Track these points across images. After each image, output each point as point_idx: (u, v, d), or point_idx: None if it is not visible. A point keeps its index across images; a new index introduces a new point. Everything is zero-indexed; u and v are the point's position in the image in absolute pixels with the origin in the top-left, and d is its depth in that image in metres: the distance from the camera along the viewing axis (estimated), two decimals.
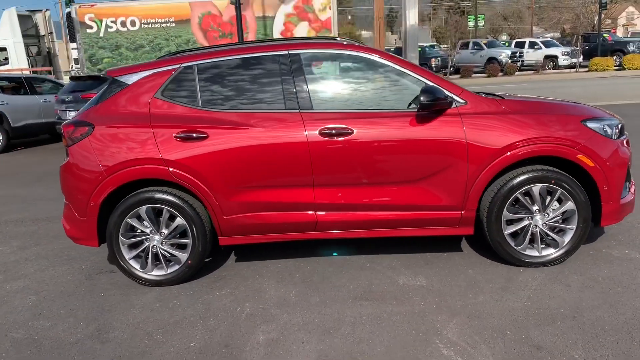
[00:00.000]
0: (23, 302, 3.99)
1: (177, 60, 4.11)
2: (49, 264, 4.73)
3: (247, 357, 3.05)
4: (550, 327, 3.16)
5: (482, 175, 3.84)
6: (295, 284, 3.97)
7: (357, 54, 4.04)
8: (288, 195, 3.95)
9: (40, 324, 3.61)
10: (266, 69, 4.02)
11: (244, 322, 3.45)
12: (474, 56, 29.16)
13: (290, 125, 3.88)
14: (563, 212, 3.91)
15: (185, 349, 3.17)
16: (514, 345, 2.98)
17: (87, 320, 3.61)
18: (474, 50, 29.99)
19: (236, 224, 4.00)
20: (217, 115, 3.95)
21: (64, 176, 4.10)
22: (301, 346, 3.12)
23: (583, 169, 3.86)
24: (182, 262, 4.04)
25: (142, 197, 3.94)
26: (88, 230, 4.06)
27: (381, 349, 3.03)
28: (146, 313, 3.66)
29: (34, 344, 3.34)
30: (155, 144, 3.89)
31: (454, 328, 3.21)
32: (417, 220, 3.97)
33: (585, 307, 3.37)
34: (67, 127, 4.06)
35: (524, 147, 3.79)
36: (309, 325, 3.36)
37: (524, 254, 3.97)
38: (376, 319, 3.38)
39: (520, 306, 3.43)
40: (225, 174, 3.90)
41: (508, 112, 3.88)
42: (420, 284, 3.85)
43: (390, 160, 3.87)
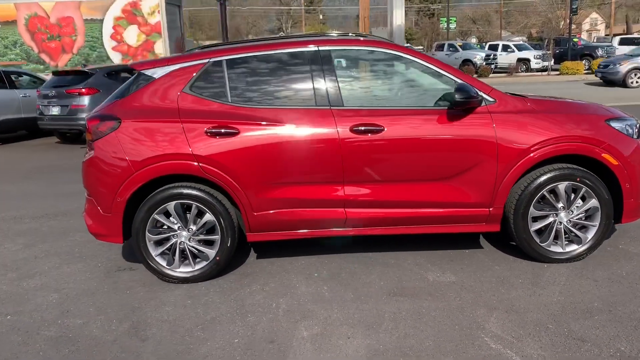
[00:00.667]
0: (46, 300, 3.89)
1: (205, 55, 4.06)
2: (62, 262, 4.62)
3: (295, 352, 3.04)
4: (588, 320, 3.24)
5: (510, 172, 3.91)
6: (325, 280, 3.97)
7: (387, 51, 4.07)
8: (318, 192, 3.95)
9: (71, 322, 3.53)
10: (296, 65, 4.02)
11: (282, 318, 3.44)
12: (449, 58, 29.54)
13: (321, 122, 3.88)
14: (587, 209, 4.02)
15: (230, 345, 3.15)
16: (559, 339, 3.05)
17: (119, 318, 3.54)
18: (449, 52, 30.41)
19: (266, 220, 3.98)
20: (247, 111, 3.92)
21: (88, 171, 4.00)
22: (347, 341, 3.13)
23: (606, 167, 3.96)
24: (210, 259, 4.00)
25: (171, 193, 3.88)
26: (113, 226, 3.98)
27: (429, 344, 3.06)
28: (179, 310, 3.61)
29: (71, 342, 3.26)
30: (186, 139, 3.84)
31: (496, 322, 3.26)
32: (446, 218, 4.02)
33: (617, 301, 3.46)
34: (92, 121, 3.97)
35: (552, 146, 3.87)
36: (349, 320, 3.37)
37: (549, 250, 4.06)
38: (416, 314, 3.41)
39: (554, 300, 3.50)
40: (256, 170, 3.88)
41: (535, 111, 3.96)
42: (450, 280, 3.89)
43: (421, 157, 3.91)
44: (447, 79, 3.99)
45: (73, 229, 5.50)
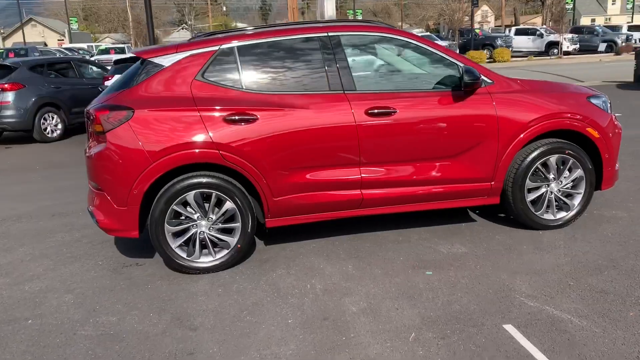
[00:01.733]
0: (61, 301, 3.71)
1: (214, 41, 4.03)
2: (55, 263, 4.39)
3: (354, 325, 3.15)
4: (600, 276, 3.62)
5: (510, 148, 4.23)
6: (346, 260, 4.10)
7: (395, 37, 4.24)
8: (336, 174, 4.06)
9: (105, 319, 3.41)
10: (307, 51, 4.09)
11: (324, 297, 3.53)
12: None
13: (337, 106, 3.99)
14: (573, 179, 4.43)
15: (286, 325, 3.20)
16: (584, 293, 3.39)
17: (156, 311, 3.47)
18: None
19: (285, 205, 4.03)
20: (262, 97, 3.94)
21: (98, 164, 3.85)
22: (398, 312, 3.29)
23: (590, 140, 4.39)
24: (231, 247, 3.99)
25: (191, 183, 3.84)
26: (129, 220, 3.86)
27: (474, 307, 3.29)
28: (215, 299, 3.60)
29: (116, 339, 3.16)
30: (205, 127, 3.80)
31: (522, 284, 3.56)
32: (453, 193, 4.28)
33: (616, 258, 3.89)
34: (100, 111, 3.81)
35: (547, 122, 4.23)
36: (389, 294, 3.53)
37: (543, 218, 4.44)
38: (448, 283, 3.63)
39: (563, 262, 3.86)
40: (276, 155, 3.92)
41: (527, 91, 4.31)
42: (462, 251, 4.16)
43: (432, 136, 4.13)
44: (450, 62, 4.23)
45: (46, 230, 5.22)
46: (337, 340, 3.01)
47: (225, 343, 3.05)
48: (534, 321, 3.09)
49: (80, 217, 5.57)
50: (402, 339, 2.99)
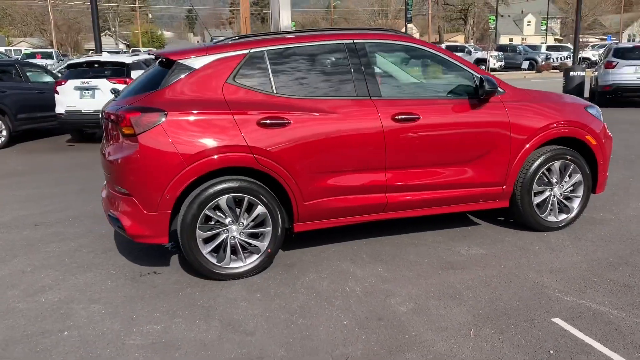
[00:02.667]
0: (90, 311, 3.54)
1: (244, 45, 4.01)
2: (63, 273, 4.17)
3: (411, 325, 3.22)
4: (617, 271, 3.89)
5: (521, 153, 4.47)
6: (372, 263, 4.17)
7: (415, 46, 4.38)
8: (363, 179, 4.13)
9: (149, 328, 3.29)
10: (334, 57, 4.15)
11: (367, 298, 3.58)
12: None
13: (365, 111, 4.08)
14: (573, 183, 4.74)
15: (344, 327, 3.22)
16: (611, 287, 3.64)
17: (201, 318, 3.39)
18: None
19: (314, 209, 4.05)
20: (293, 102, 3.96)
21: (128, 168, 3.71)
22: (447, 310, 3.39)
23: (587, 147, 4.72)
24: (261, 252, 3.96)
25: (225, 187, 3.78)
26: (159, 226, 3.75)
27: (517, 304, 3.45)
28: (258, 304, 3.56)
29: (172, 347, 3.06)
30: (239, 130, 3.77)
31: (551, 281, 3.77)
32: (470, 197, 4.46)
33: (624, 255, 4.19)
34: (131, 113, 3.68)
35: (554, 129, 4.52)
36: (431, 294, 3.63)
37: (547, 220, 4.71)
38: (481, 282, 3.78)
39: (577, 260, 4.12)
40: (307, 159, 3.94)
41: (534, 100, 4.58)
42: (481, 252, 4.34)
43: (452, 142, 4.30)
44: (465, 71, 4.42)
45: (36, 240, 4.95)
46: (401, 339, 3.06)
47: (290, 346, 3.03)
48: (577, 314, 3.28)
49: (67, 227, 5.31)
50: (463, 335, 3.09)
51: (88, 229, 5.25)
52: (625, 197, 5.73)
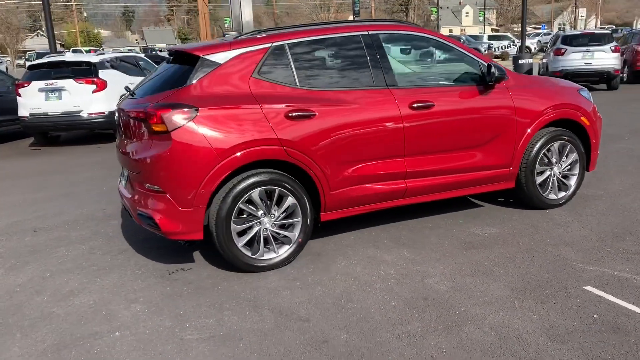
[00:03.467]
0: (133, 311, 3.51)
1: (265, 39, 4.05)
2: (85, 276, 4.10)
3: (456, 301, 3.38)
4: (626, 242, 4.19)
5: (525, 135, 4.71)
6: (396, 248, 4.31)
7: (425, 35, 4.54)
8: (384, 167, 4.26)
9: (203, 322, 3.30)
10: (351, 48, 4.25)
11: (405, 280, 3.72)
12: None
13: (385, 101, 4.20)
14: (570, 162, 5.03)
15: (394, 307, 3.34)
16: (626, 256, 3.92)
17: (250, 309, 3.43)
18: None
19: (340, 198, 4.15)
20: (316, 94, 4.04)
21: (160, 165, 3.69)
22: (485, 285, 3.57)
23: (582, 127, 5.02)
24: (292, 242, 4.03)
25: (258, 180, 3.82)
26: (194, 221, 3.76)
27: (546, 275, 3.67)
28: (300, 292, 3.63)
29: (234, 338, 3.10)
30: (269, 124, 3.82)
31: (570, 253, 4.01)
32: (481, 179, 4.66)
33: (626, 226, 4.51)
34: (162, 110, 3.66)
35: (553, 112, 4.78)
36: (463, 272, 3.80)
37: (548, 198, 4.99)
38: (507, 259, 3.99)
39: (585, 234, 4.40)
40: (333, 150, 4.03)
41: (535, 85, 4.84)
42: (495, 231, 4.56)
43: (464, 127, 4.48)
44: (472, 59, 4.61)
45: (43, 246, 4.83)
46: (453, 315, 3.22)
47: (349, 329, 3.12)
48: (604, 282, 3.53)
49: (69, 231, 5.19)
50: (509, 307, 3.27)
51: (92, 231, 5.15)
52: (607, 174, 6.11)
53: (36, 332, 3.30)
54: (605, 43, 15.03)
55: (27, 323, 3.43)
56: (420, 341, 2.96)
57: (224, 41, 4.05)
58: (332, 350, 2.91)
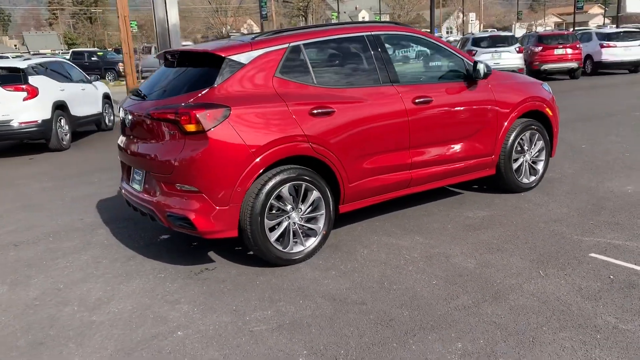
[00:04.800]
0: (182, 311, 3.51)
1: (283, 39, 4.18)
2: (108, 283, 4.01)
3: (489, 276, 3.71)
4: (602, 215, 4.75)
5: (505, 125, 5.19)
6: (406, 234, 4.59)
7: (417, 36, 4.89)
8: (393, 159, 4.54)
9: (261, 314, 3.39)
10: (358, 48, 4.50)
11: (433, 261, 4.00)
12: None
13: (392, 97, 4.49)
14: (538, 149, 5.59)
15: (435, 285, 3.61)
16: (610, 227, 4.45)
17: (300, 299, 3.55)
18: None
19: (357, 190, 4.37)
20: (332, 92, 4.24)
21: (197, 164, 3.71)
22: (505, 260, 3.94)
23: (546, 117, 5.60)
24: (317, 234, 4.19)
25: (287, 176, 3.95)
26: (229, 219, 3.82)
27: (553, 248, 4.11)
28: (340, 279, 3.79)
29: (301, 325, 3.22)
30: (296, 121, 3.97)
31: (562, 228, 4.50)
32: (471, 167, 5.08)
33: (596, 202, 5.10)
34: (197, 110, 3.69)
35: (526, 104, 5.31)
36: (480, 250, 4.15)
37: (523, 182, 5.51)
38: (511, 236, 4.40)
39: (566, 211, 4.93)
40: (350, 144, 4.25)
41: (508, 80, 5.34)
42: (486, 214, 4.99)
43: (458, 119, 4.88)
44: (457, 57, 5.02)
45: (35, 259, 4.63)
46: (492, 287, 3.55)
47: (407, 306, 3.36)
48: (604, 249, 4.03)
49: (56, 242, 5.00)
50: (536, 276, 3.66)
51: (84, 242, 4.97)
52: (554, 160, 6.74)
53: (89, 340, 3.22)
54: (510, 44, 16.39)
55: (73, 333, 3.33)
56: (477, 311, 3.25)
57: (242, 42, 4.12)
58: (403, 326, 3.13)
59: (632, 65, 19.70)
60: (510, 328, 3.04)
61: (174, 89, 4.02)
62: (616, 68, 19.83)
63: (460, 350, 2.86)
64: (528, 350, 2.82)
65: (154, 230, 5.10)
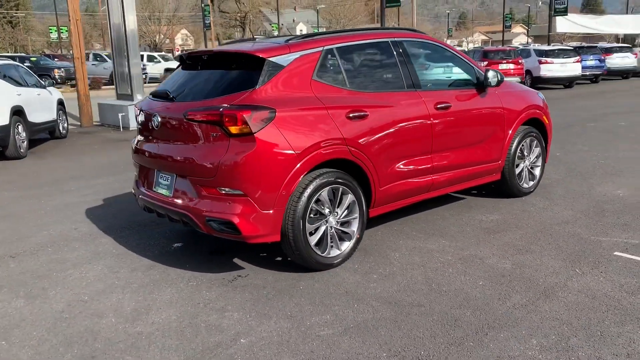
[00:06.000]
0: (234, 319, 3.39)
1: (317, 42, 4.16)
2: (138, 295, 3.81)
3: (530, 274, 3.81)
4: (607, 217, 5.00)
5: (510, 132, 5.38)
6: (431, 238, 4.65)
7: (434, 43, 4.99)
8: (418, 163, 4.60)
9: (322, 318, 3.32)
10: (384, 53, 4.54)
11: (468, 263, 4.07)
12: (97, 68, 28.55)
13: (417, 102, 4.55)
14: (536, 155, 5.83)
15: (482, 286, 3.67)
16: (618, 227, 4.70)
17: (356, 302, 3.51)
18: (95, 62, 29.27)
19: (386, 194, 4.39)
20: (363, 95, 4.26)
21: (245, 167, 3.60)
22: (538, 260, 4.06)
23: (543, 125, 5.85)
24: (352, 238, 4.17)
25: (327, 180, 3.91)
26: (273, 223, 3.74)
27: (578, 247, 4.28)
28: (385, 283, 3.78)
29: (371, 328, 3.19)
30: (335, 125, 3.95)
31: (577, 229, 4.69)
32: (482, 172, 5.22)
33: (595, 204, 5.37)
34: (244, 111, 3.59)
35: (528, 112, 5.53)
36: (508, 252, 4.25)
37: (523, 187, 5.72)
38: (532, 238, 4.54)
39: (571, 213, 5.16)
40: (382, 148, 4.27)
41: (511, 89, 5.54)
42: (496, 217, 5.13)
43: (473, 125, 5.01)
44: (470, 65, 5.17)
45: (42, 270, 4.33)
46: (538, 287, 3.64)
47: (465, 307, 3.38)
48: (624, 248, 4.24)
49: (59, 252, 4.72)
50: (575, 274, 3.80)
51: (90, 251, 4.71)
52: None
53: (146, 352, 3.04)
54: None
55: (123, 345, 3.13)
56: (535, 309, 3.33)
57: (278, 44, 4.06)
58: (470, 325, 3.16)
59: (567, 81, 20.96)
60: (575, 324, 3.13)
61: (210, 91, 3.89)
62: (553, 83, 21.03)
63: (537, 346, 2.91)
64: (602, 344, 2.91)
65: (161, 238, 4.92)
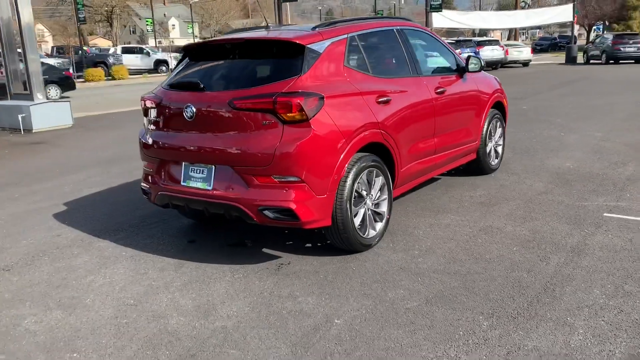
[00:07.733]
0: (308, 305, 3.40)
1: (341, 30, 4.25)
2: (189, 293, 3.65)
3: (551, 238, 4.23)
4: (575, 186, 5.62)
5: (484, 114, 5.85)
6: (436, 214, 4.92)
7: (426, 33, 5.28)
8: (426, 144, 4.86)
9: (399, 293, 3.47)
10: (393, 40, 4.75)
11: (490, 233, 4.40)
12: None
13: (422, 87, 4.82)
14: (499, 135, 6.38)
15: (516, 252, 4.01)
16: (595, 192, 5.31)
17: (413, 281, 3.70)
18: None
19: (405, 175, 4.61)
20: (384, 81, 4.43)
21: (302, 153, 3.59)
22: (549, 226, 4.48)
23: (503, 107, 6.41)
24: (383, 218, 4.33)
25: (367, 163, 4.02)
26: (327, 208, 3.80)
27: (573, 212, 4.78)
28: (433, 259, 3.96)
29: (457, 299, 3.40)
30: (370, 109, 4.09)
31: (559, 197, 5.24)
32: (465, 152, 5.62)
33: (560, 176, 5.99)
34: (297, 98, 3.59)
35: (495, 95, 6.04)
36: (516, 222, 4.65)
37: (492, 164, 6.24)
38: (529, 208, 4.97)
39: (542, 185, 5.72)
40: (402, 131, 4.47)
41: (480, 75, 6.00)
42: (482, 193, 5.55)
43: (462, 107, 5.39)
44: (451, 53, 5.54)
45: (58, 278, 4.01)
46: (565, 247, 4.04)
47: (519, 269, 3.69)
48: (609, 209, 4.82)
49: (65, 260, 4.38)
50: (587, 234, 4.27)
51: (97, 256, 4.41)
52: None
53: (247, 344, 2.99)
54: None
55: (216, 340, 3.04)
56: (577, 265, 3.72)
57: (309, 31, 4.08)
58: (536, 282, 3.47)
59: None
60: (618, 273, 3.57)
61: (251, 79, 3.83)
62: None
63: (602, 295, 3.29)
64: None
65: (164, 236, 4.76)
